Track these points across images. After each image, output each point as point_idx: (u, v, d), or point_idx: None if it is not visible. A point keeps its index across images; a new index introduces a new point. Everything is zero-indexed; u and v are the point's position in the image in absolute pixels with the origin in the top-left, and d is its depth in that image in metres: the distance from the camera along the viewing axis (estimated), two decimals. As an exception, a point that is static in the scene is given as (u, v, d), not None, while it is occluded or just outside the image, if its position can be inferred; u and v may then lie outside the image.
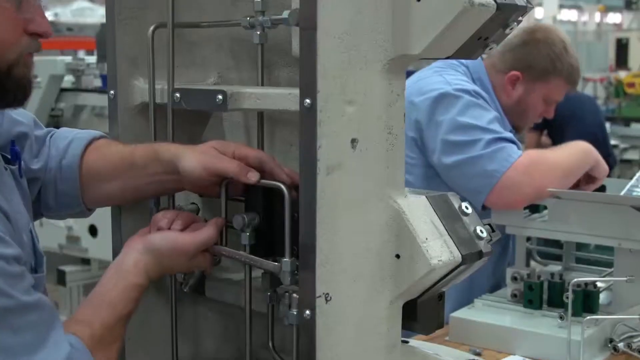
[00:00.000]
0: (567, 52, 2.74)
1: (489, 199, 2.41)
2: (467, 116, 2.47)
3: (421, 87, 2.58)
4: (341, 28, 1.25)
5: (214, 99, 1.40)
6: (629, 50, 16.50)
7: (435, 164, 2.52)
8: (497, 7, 1.30)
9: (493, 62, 2.77)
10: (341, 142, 1.27)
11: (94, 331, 1.35)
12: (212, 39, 1.63)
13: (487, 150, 2.41)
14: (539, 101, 2.76)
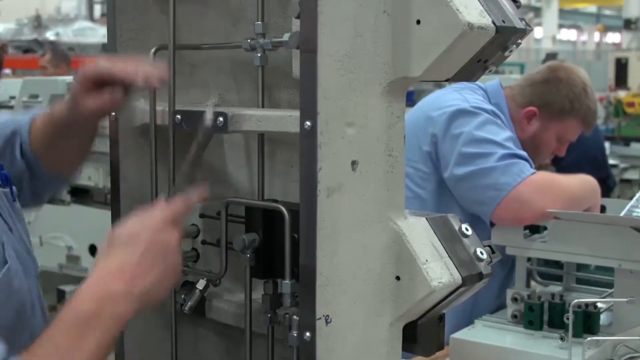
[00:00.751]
0: (586, 95, 2.75)
1: (497, 212, 2.41)
2: (484, 131, 2.50)
3: (439, 102, 2.61)
4: (341, 51, 1.26)
5: (214, 121, 1.41)
6: (628, 70, 16.54)
7: (447, 177, 2.53)
8: (496, 30, 1.30)
9: (513, 94, 2.79)
10: (341, 164, 1.28)
11: None
12: (213, 60, 1.64)
13: (500, 163, 2.43)
14: (552, 139, 2.77)
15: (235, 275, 1.55)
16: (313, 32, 1.23)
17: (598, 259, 2.34)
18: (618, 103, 10.15)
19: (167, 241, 1.30)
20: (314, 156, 1.24)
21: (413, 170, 2.61)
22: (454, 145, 2.50)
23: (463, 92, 2.64)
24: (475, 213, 2.52)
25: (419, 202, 2.62)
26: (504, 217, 2.43)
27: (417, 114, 2.70)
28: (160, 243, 1.30)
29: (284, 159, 1.57)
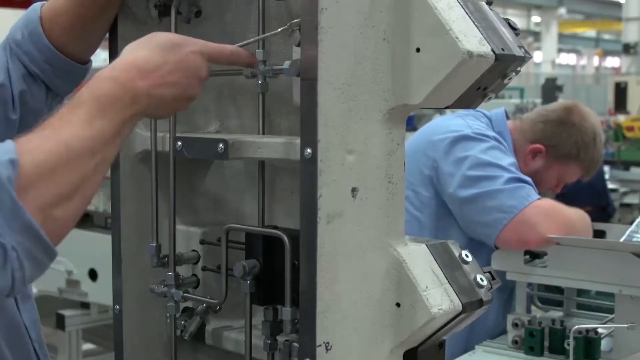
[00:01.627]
0: (594, 145, 2.77)
1: (502, 234, 2.42)
2: (489, 155, 2.51)
3: (443, 128, 2.63)
4: (341, 79, 1.27)
5: (215, 148, 1.41)
6: (627, 94, 16.60)
7: (450, 200, 2.54)
8: (496, 58, 1.31)
9: (522, 127, 2.80)
10: (341, 191, 1.28)
11: (34, 158, 1.09)
12: (214, 87, 1.65)
13: (506, 186, 2.44)
14: (553, 178, 2.78)
15: (236, 302, 1.55)
16: (313, 60, 1.24)
17: (598, 284, 2.35)
18: (617, 127, 10.17)
19: (198, 66, 1.32)
20: (314, 183, 1.25)
21: (413, 193, 2.62)
22: (458, 168, 2.51)
23: (466, 119, 2.65)
24: (478, 236, 2.52)
25: (417, 225, 2.62)
26: (508, 240, 2.43)
27: (420, 138, 2.71)
28: (192, 64, 1.31)
29: (284, 185, 1.57)
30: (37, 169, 1.09)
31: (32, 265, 1.08)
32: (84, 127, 1.15)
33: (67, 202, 1.12)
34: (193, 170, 1.67)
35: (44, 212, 1.09)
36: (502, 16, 1.42)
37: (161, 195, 1.58)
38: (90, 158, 1.15)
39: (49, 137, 1.13)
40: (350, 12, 1.28)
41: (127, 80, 1.22)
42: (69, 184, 1.12)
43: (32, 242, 1.07)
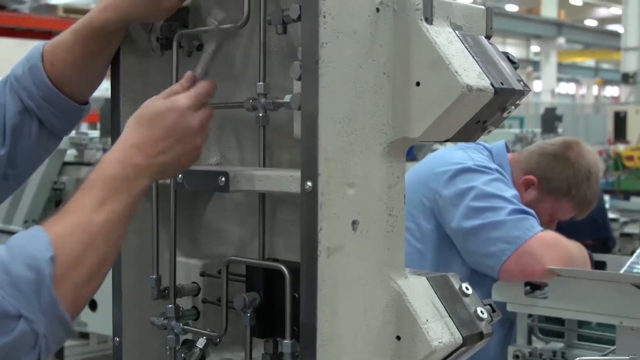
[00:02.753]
0: (587, 183, 2.74)
1: (506, 265, 2.41)
2: (491, 187, 2.51)
3: (444, 160, 2.63)
4: (342, 112, 1.28)
5: (216, 180, 1.42)
6: (627, 123, 16.64)
7: (453, 231, 2.53)
8: (495, 92, 1.32)
9: (519, 158, 2.80)
10: (342, 224, 1.29)
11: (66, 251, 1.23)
12: (215, 119, 1.65)
13: (510, 217, 2.44)
14: (545, 213, 2.77)
15: (236, 334, 1.55)
16: (314, 94, 1.25)
17: (599, 316, 2.34)
18: (617, 157, 10.19)
19: (189, 125, 1.38)
20: (315, 216, 1.25)
21: (414, 225, 2.62)
22: (462, 200, 2.51)
23: (468, 151, 2.66)
24: (481, 268, 2.52)
25: (418, 257, 2.62)
26: (512, 271, 2.43)
27: (421, 170, 2.72)
28: (182, 126, 1.38)
29: (284, 217, 1.58)
30: (69, 260, 1.23)
31: (57, 345, 1.25)
32: (98, 211, 1.28)
33: (94, 280, 1.28)
34: (194, 202, 1.68)
35: (76, 294, 1.24)
36: (501, 46, 1.43)
37: (162, 228, 1.58)
38: (108, 239, 1.28)
39: (73, 226, 1.26)
40: (351, 47, 1.29)
41: (127, 158, 1.34)
42: (95, 265, 1.27)
43: (60, 329, 1.22)
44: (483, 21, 1.44)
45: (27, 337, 1.17)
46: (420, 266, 2.58)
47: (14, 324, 1.16)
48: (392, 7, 1.34)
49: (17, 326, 1.16)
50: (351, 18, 1.29)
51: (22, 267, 1.18)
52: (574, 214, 2.83)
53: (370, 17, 1.32)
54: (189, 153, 1.40)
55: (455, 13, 1.39)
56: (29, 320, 1.17)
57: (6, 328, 1.16)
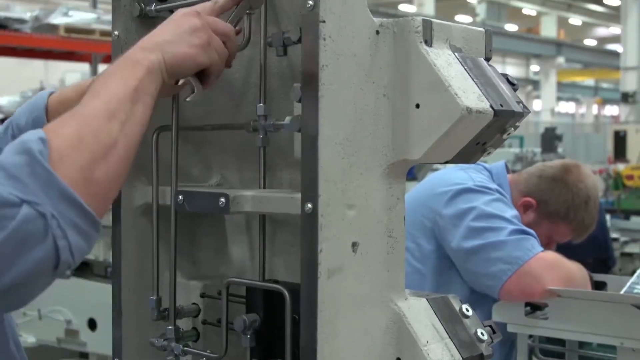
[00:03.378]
0: (585, 207, 2.75)
1: (507, 285, 2.41)
2: (492, 207, 2.52)
3: (445, 180, 2.63)
4: (342, 134, 1.28)
5: (216, 202, 1.42)
6: (626, 143, 16.67)
7: (453, 251, 2.54)
8: (495, 114, 1.33)
9: (518, 180, 2.81)
10: (342, 245, 1.29)
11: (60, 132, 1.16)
12: (215, 140, 1.66)
13: (511, 238, 2.44)
14: (543, 235, 2.77)
15: (236, 356, 1.54)
16: (314, 116, 1.26)
17: (600, 337, 2.34)
18: (617, 176, 10.19)
19: (205, 24, 1.36)
20: (315, 238, 1.25)
21: (415, 245, 2.62)
22: (462, 220, 2.52)
23: (469, 172, 2.66)
24: (482, 288, 2.52)
25: (418, 277, 2.62)
26: (512, 291, 2.42)
27: (422, 190, 2.72)
28: (183, 18, 1.36)
29: (284, 238, 1.58)
30: (65, 141, 1.14)
31: (76, 234, 1.12)
32: (95, 97, 1.22)
33: (102, 162, 1.17)
34: (194, 223, 1.68)
35: (83, 175, 1.14)
36: (501, 65, 1.45)
37: (162, 248, 1.58)
38: (112, 118, 1.20)
39: (67, 116, 1.20)
40: (351, 69, 1.30)
41: (129, 52, 1.32)
42: (99, 145, 1.17)
43: (71, 209, 1.11)
44: (482, 43, 1.45)
45: (33, 221, 1.07)
46: (420, 286, 2.58)
47: (16, 210, 1.06)
48: (392, 29, 1.35)
49: (20, 211, 1.06)
50: (351, 41, 1.30)
51: (14, 155, 1.11)
52: (571, 238, 2.83)
53: (370, 39, 1.33)
54: (193, 30, 1.36)
55: (454, 35, 1.39)
56: (32, 203, 1.07)
57: (10, 216, 1.06)
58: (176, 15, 1.39)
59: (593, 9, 35.91)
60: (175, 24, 1.37)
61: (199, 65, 1.38)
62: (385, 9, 25.41)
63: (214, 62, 1.39)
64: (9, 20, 7.46)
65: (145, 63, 1.29)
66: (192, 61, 1.36)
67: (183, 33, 1.35)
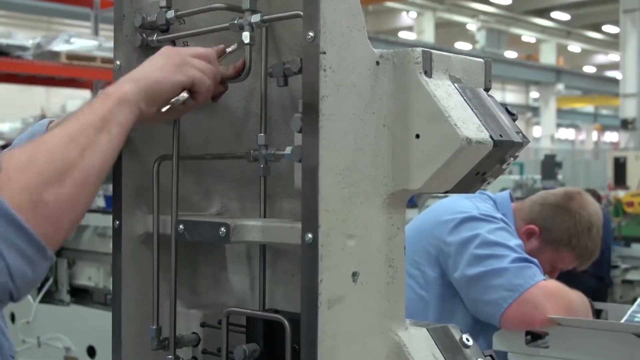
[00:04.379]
0: (589, 234, 2.76)
1: (508, 313, 2.41)
2: (496, 236, 2.52)
3: (450, 208, 2.64)
4: (342, 164, 1.29)
5: (217, 231, 1.43)
6: (626, 169, 16.68)
7: (457, 279, 2.54)
8: (494, 144, 1.33)
9: (521, 208, 2.82)
10: (342, 275, 1.29)
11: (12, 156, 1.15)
12: (216, 169, 1.67)
13: (513, 265, 2.44)
14: (546, 262, 2.78)
15: (236, 385, 1.54)
16: (314, 147, 1.26)
17: (601, 366, 2.33)
18: (617, 203, 10.19)
19: (178, 51, 1.41)
20: (315, 268, 1.26)
21: (419, 272, 2.62)
22: (466, 247, 2.52)
23: (474, 200, 2.67)
24: (484, 316, 2.51)
25: (422, 305, 2.62)
26: (513, 319, 2.42)
27: (427, 218, 2.73)
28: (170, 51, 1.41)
29: (285, 267, 1.58)
30: (16, 163, 1.13)
31: (16, 257, 1.08)
32: (59, 125, 1.23)
33: (56, 186, 1.15)
34: (194, 252, 1.68)
35: (29, 197, 1.11)
36: (501, 92, 1.46)
37: (162, 277, 1.58)
38: (70, 143, 1.19)
39: (30, 142, 1.21)
40: (351, 99, 1.31)
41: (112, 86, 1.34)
42: (52, 168, 1.16)
43: (11, 231, 1.08)
44: (482, 74, 1.46)
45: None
46: (424, 314, 2.58)
47: None
48: (392, 60, 1.36)
49: None
50: (351, 71, 1.31)
51: None
52: (575, 265, 2.83)
53: (370, 70, 1.34)
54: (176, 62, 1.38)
55: (454, 66, 1.40)
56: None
57: None
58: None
59: (592, 36, 36.09)
60: (150, 58, 1.40)
61: (176, 84, 1.39)
62: (385, 36, 25.55)
63: (196, 79, 1.41)
64: (11, 48, 7.50)
65: (117, 94, 1.31)
66: (167, 82, 1.38)
67: (155, 61, 1.38)
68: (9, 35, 7.75)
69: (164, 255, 1.57)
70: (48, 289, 5.14)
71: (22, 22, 17.89)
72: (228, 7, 1.48)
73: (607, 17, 29.77)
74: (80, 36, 8.26)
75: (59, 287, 5.17)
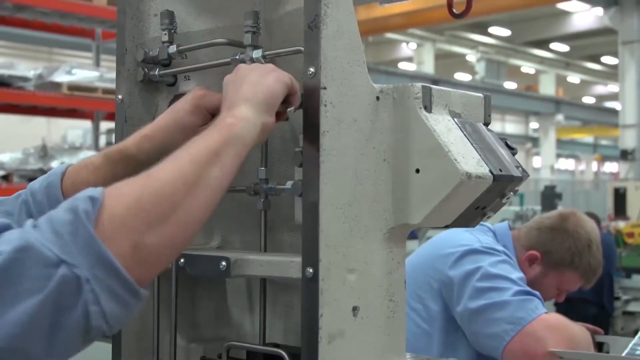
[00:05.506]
0: (589, 251, 2.77)
1: (510, 346, 2.40)
2: (497, 269, 2.52)
3: (451, 241, 2.64)
4: (343, 199, 1.29)
5: (217, 265, 1.43)
6: (626, 200, 16.66)
7: (460, 312, 2.53)
8: (494, 179, 1.34)
9: (518, 235, 2.82)
10: (342, 310, 1.29)
11: (119, 192, 1.10)
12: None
13: (515, 298, 2.44)
14: (551, 286, 2.78)
15: (235, 420, 1.53)
16: (315, 181, 1.27)
17: (602, 399, 2.31)
18: (618, 233, 10.16)
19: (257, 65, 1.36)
20: (316, 302, 1.26)
21: (421, 306, 2.62)
22: (468, 280, 2.52)
23: (475, 233, 2.67)
24: (486, 350, 2.50)
25: (426, 339, 2.61)
26: (515, 352, 2.41)
27: (428, 251, 2.73)
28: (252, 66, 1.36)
29: (285, 300, 1.58)
30: (121, 202, 1.10)
31: (111, 300, 1.07)
32: (169, 161, 1.18)
33: (158, 228, 1.11)
34: (194, 286, 1.68)
35: (132, 240, 1.09)
36: (501, 122, 1.47)
37: (162, 311, 1.58)
38: (176, 182, 1.15)
39: (138, 176, 1.16)
40: (351, 134, 1.32)
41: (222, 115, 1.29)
42: (159, 211, 1.12)
43: (108, 275, 1.06)
44: (481, 108, 1.47)
45: (69, 282, 1.03)
46: (427, 347, 2.57)
47: (55, 270, 1.03)
48: (392, 95, 1.37)
49: (58, 271, 1.03)
50: (352, 107, 1.32)
51: (63, 211, 1.07)
52: (581, 284, 2.83)
53: (370, 105, 1.35)
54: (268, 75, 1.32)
55: (453, 101, 1.41)
56: (70, 265, 1.03)
57: (48, 275, 1.02)
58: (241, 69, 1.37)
59: (591, 68, 36.23)
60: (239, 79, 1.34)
61: (284, 87, 1.33)
62: (386, 67, 25.66)
63: (290, 81, 1.35)
64: (12, 78, 7.53)
65: (235, 118, 1.26)
66: (276, 87, 1.32)
67: (249, 77, 1.33)
68: (11, 66, 7.78)
69: (164, 288, 1.57)
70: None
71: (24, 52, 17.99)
72: (230, 42, 1.49)
73: (605, 48, 29.92)
74: (81, 67, 8.30)
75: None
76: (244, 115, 1.27)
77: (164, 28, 1.55)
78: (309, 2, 1.29)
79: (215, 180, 1.20)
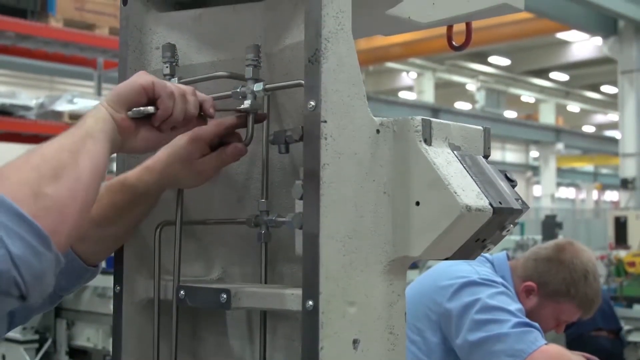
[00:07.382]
0: (585, 281, 2.76)
1: None
2: (496, 300, 2.52)
3: (450, 273, 2.64)
4: (343, 231, 1.30)
5: (217, 297, 1.43)
6: (627, 229, 16.64)
7: (459, 345, 2.53)
8: (494, 211, 1.34)
9: (515, 266, 2.83)
10: (343, 343, 1.29)
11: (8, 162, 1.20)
12: (217, 235, 1.67)
13: (514, 330, 2.44)
14: (550, 317, 2.78)
15: None
16: (315, 214, 1.27)
17: None
18: (619, 262, 10.14)
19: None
20: (316, 335, 1.26)
21: (420, 338, 2.61)
22: (466, 313, 2.52)
23: (473, 264, 2.68)
24: None
25: None
26: None
27: (426, 282, 2.73)
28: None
29: (285, 333, 1.58)
30: (11, 165, 1.19)
31: (17, 243, 1.10)
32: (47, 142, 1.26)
33: (53, 180, 1.18)
34: (195, 317, 1.67)
35: (29, 189, 1.15)
36: (501, 151, 1.47)
37: (163, 342, 1.58)
38: (60, 148, 1.24)
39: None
40: (351, 167, 1.32)
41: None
42: (48, 167, 1.20)
43: (12, 220, 1.10)
44: (481, 141, 1.48)
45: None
46: (427, 379, 2.56)
47: None
48: (392, 128, 1.38)
49: None
50: (352, 140, 1.33)
51: None
52: (579, 314, 2.82)
53: (370, 138, 1.36)
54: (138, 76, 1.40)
55: (453, 134, 1.42)
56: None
57: None
58: None
59: (591, 97, 36.34)
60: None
61: (135, 85, 1.38)
62: (386, 96, 25.76)
63: (157, 83, 1.39)
64: (14, 107, 7.57)
65: (90, 112, 1.35)
66: (127, 84, 1.39)
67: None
68: (13, 95, 7.82)
69: (164, 320, 1.57)
70: (47, 349, 5.11)
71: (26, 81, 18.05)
72: (231, 75, 1.51)
73: (605, 77, 30.03)
74: (83, 96, 8.33)
75: (57, 347, 5.13)
76: (96, 110, 1.36)
77: (165, 61, 1.56)
78: (309, 37, 1.31)
79: (92, 151, 1.28)
